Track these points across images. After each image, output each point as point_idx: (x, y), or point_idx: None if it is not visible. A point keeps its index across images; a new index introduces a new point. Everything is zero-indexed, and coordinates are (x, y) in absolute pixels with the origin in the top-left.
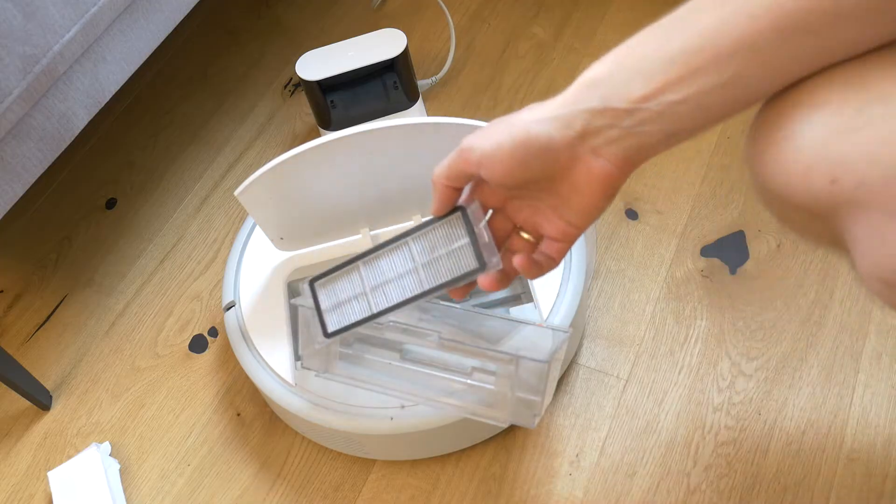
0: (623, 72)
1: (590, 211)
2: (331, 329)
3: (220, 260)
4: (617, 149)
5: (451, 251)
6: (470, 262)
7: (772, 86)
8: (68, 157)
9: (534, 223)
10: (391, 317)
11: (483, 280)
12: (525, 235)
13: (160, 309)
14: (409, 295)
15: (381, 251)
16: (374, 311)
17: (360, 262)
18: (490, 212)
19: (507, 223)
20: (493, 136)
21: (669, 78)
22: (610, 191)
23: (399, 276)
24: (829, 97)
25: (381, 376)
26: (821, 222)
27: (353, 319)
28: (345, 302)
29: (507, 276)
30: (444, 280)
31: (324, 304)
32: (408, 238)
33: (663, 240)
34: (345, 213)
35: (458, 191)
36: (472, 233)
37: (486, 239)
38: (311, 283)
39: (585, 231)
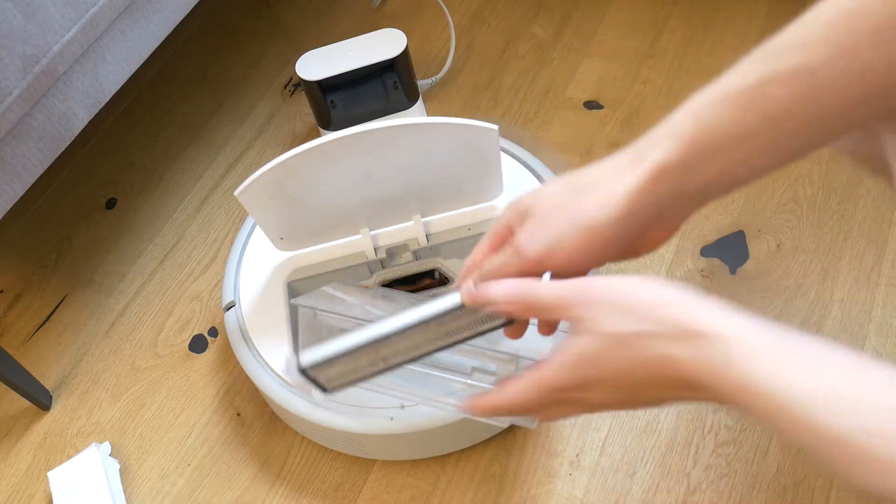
0: (698, 154)
1: (634, 258)
2: (329, 388)
3: (220, 260)
4: (682, 217)
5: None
6: (497, 317)
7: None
8: (68, 157)
9: None
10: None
11: (511, 331)
12: None
13: (160, 309)
14: (425, 350)
15: (399, 333)
16: (386, 365)
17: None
18: None
19: None
20: (549, 234)
21: (743, 155)
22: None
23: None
24: None
25: (381, 377)
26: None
27: (359, 375)
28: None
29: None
30: (466, 334)
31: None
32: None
33: None
34: (345, 214)
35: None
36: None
37: None
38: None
39: None
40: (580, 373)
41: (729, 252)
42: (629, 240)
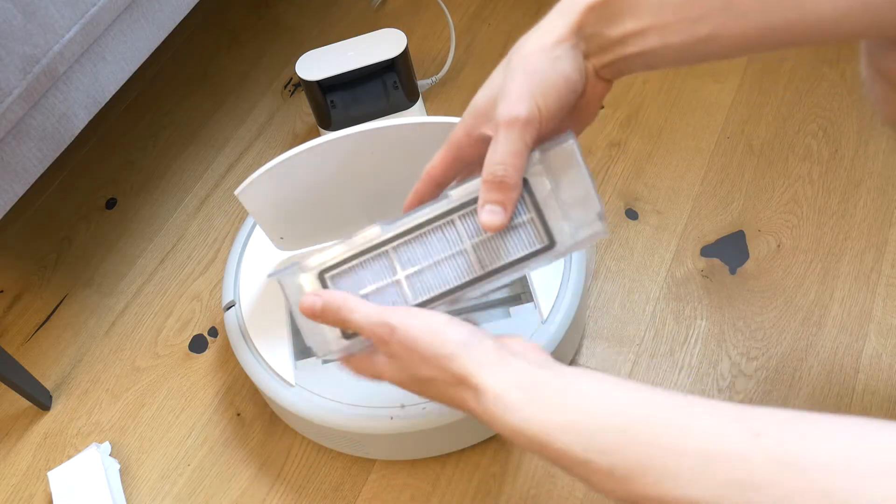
0: (620, 5)
1: (586, 124)
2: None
3: (220, 260)
4: (613, 70)
5: (511, 227)
6: (535, 240)
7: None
8: (68, 157)
9: None
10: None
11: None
12: None
13: (160, 309)
14: (458, 282)
15: (415, 233)
16: (415, 302)
17: (388, 248)
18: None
19: None
20: (524, 89)
21: (657, 22)
22: (601, 103)
23: (443, 259)
24: None
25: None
26: None
27: None
28: (372, 295)
29: None
30: (504, 261)
31: None
32: (453, 216)
33: (663, 240)
34: (345, 213)
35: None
36: (536, 205)
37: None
38: (321, 274)
39: None
40: (396, 381)
41: (729, 252)
42: (580, 74)
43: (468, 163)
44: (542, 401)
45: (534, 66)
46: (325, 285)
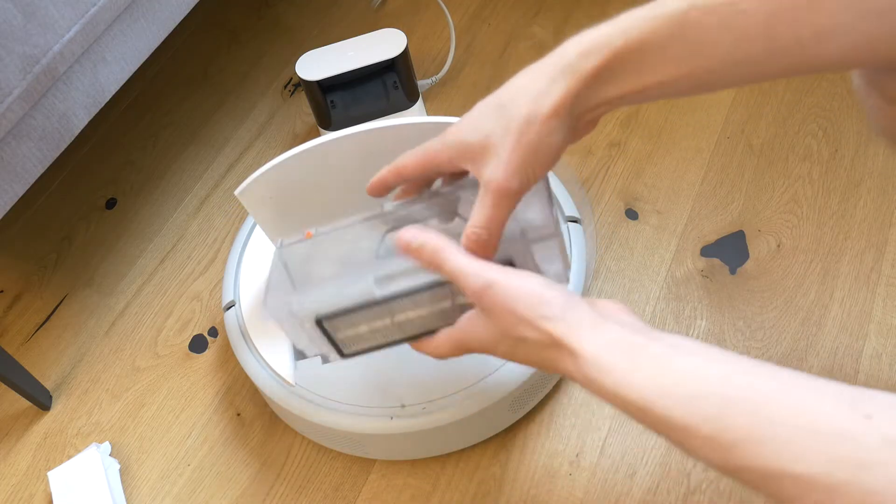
0: (621, 67)
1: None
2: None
3: (220, 260)
4: (600, 113)
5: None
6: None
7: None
8: (68, 157)
9: None
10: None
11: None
12: None
13: (160, 309)
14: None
15: (409, 295)
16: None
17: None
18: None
19: None
20: (518, 163)
21: (661, 79)
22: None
23: (431, 312)
24: None
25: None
26: None
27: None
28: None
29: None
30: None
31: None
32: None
33: (663, 240)
34: (345, 214)
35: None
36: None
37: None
38: (319, 321)
39: (586, 229)
40: (481, 347)
41: (729, 252)
42: (568, 141)
43: (438, 174)
44: (642, 364)
45: (529, 138)
46: (322, 328)
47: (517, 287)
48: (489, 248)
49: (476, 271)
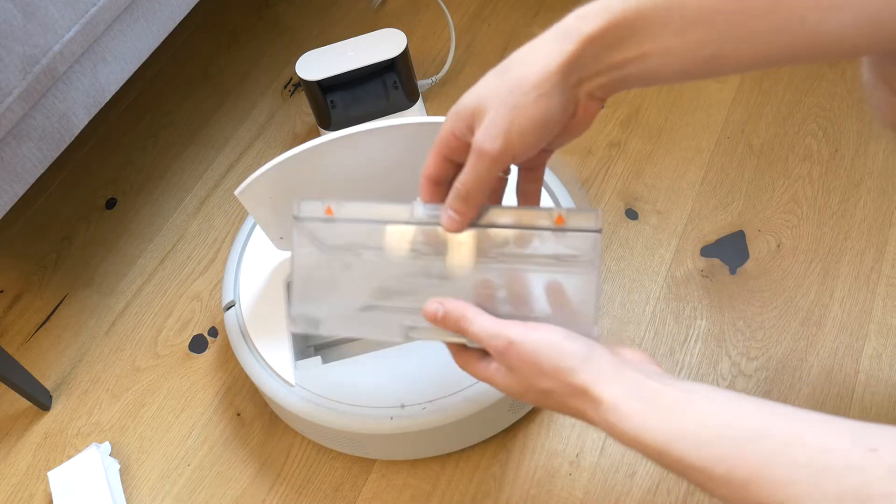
0: (622, 33)
1: (575, 137)
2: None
3: (220, 260)
4: (608, 90)
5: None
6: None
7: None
8: (68, 157)
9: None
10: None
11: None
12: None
13: (160, 309)
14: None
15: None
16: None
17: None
18: None
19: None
20: (503, 125)
21: (659, 47)
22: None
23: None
24: None
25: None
26: None
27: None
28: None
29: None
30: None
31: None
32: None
33: (663, 240)
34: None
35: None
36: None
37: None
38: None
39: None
40: (509, 393)
41: (729, 252)
42: (566, 111)
43: (459, 161)
44: (659, 411)
45: (517, 100)
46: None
47: (538, 342)
48: (468, 203)
49: (497, 332)
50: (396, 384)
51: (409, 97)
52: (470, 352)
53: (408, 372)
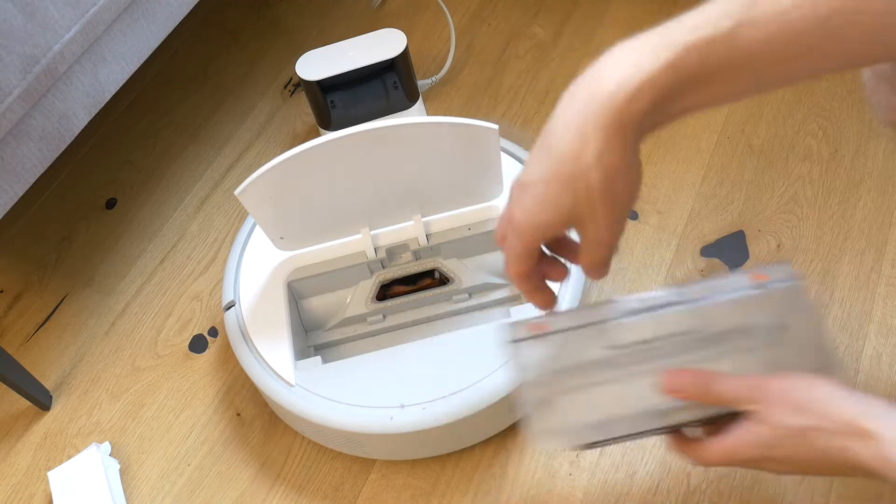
0: (678, 92)
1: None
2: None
3: (220, 260)
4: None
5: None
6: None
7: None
8: (68, 157)
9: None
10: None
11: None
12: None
13: (160, 309)
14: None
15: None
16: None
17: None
18: None
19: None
20: (607, 218)
21: (730, 91)
22: None
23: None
24: None
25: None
26: None
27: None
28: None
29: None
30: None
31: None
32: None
33: (663, 240)
34: (345, 213)
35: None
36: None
37: None
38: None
39: None
40: (756, 453)
41: (729, 252)
42: (632, 182)
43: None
44: None
45: (614, 188)
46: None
47: (792, 380)
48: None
49: (742, 383)
50: (396, 384)
51: (409, 97)
52: (696, 440)
53: (408, 372)
